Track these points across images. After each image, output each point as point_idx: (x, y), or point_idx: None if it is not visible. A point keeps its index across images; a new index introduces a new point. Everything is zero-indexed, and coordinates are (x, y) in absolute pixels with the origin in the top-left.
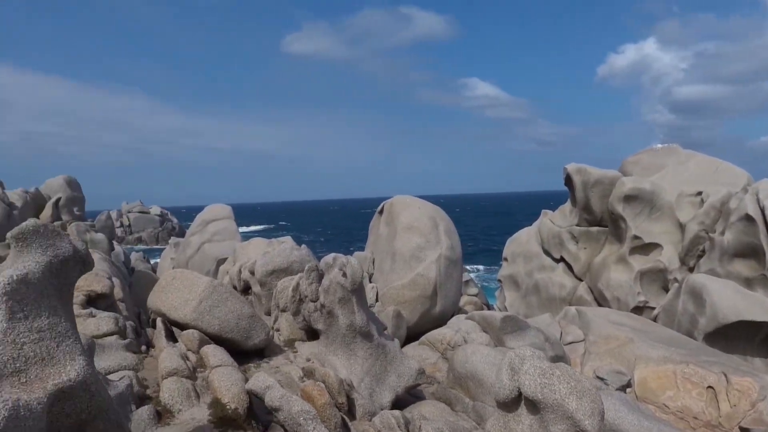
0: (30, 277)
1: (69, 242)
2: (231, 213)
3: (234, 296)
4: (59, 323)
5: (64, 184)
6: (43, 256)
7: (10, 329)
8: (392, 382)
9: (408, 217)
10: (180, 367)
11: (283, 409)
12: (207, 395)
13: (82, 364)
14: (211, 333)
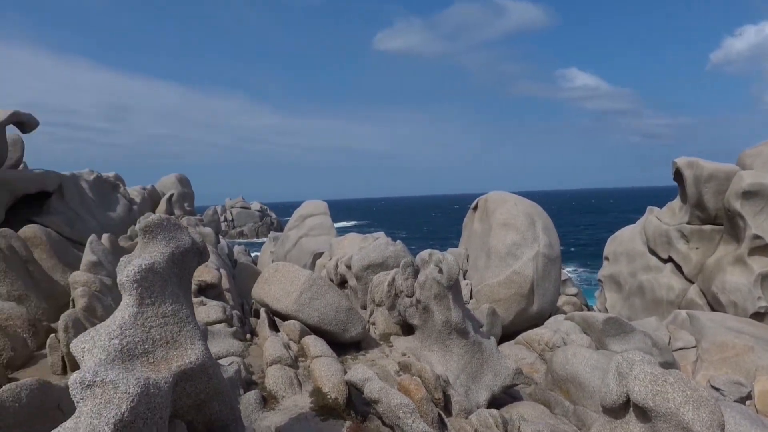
0: (156, 267)
1: (188, 235)
2: (327, 209)
3: (332, 289)
4: (181, 309)
5: (176, 181)
6: (166, 247)
7: (140, 314)
8: (488, 381)
9: (504, 213)
10: (283, 356)
11: (382, 401)
12: (308, 384)
13: (201, 348)
14: (310, 324)
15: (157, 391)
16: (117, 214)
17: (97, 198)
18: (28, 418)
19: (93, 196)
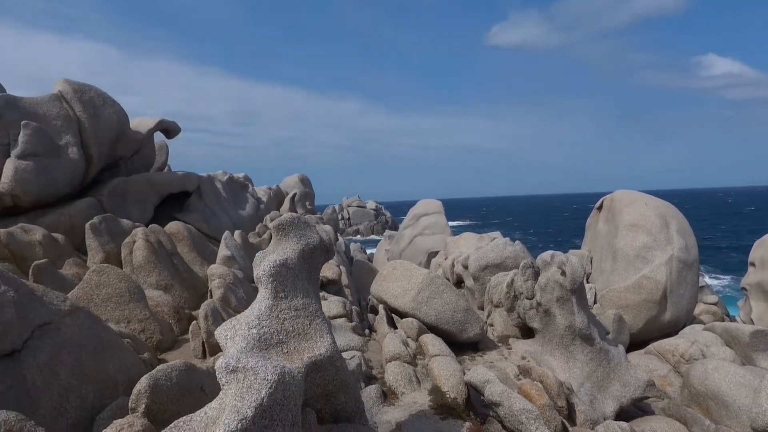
0: (288, 262)
1: (317, 233)
2: (441, 208)
3: (450, 289)
4: (311, 303)
5: (299, 181)
6: (297, 244)
7: (275, 306)
8: (616, 392)
9: (632, 213)
10: (402, 353)
11: (504, 404)
12: (427, 382)
13: (330, 341)
14: (427, 322)
15: (291, 380)
16: (246, 212)
17: (229, 197)
18: (178, 396)
19: (226, 195)
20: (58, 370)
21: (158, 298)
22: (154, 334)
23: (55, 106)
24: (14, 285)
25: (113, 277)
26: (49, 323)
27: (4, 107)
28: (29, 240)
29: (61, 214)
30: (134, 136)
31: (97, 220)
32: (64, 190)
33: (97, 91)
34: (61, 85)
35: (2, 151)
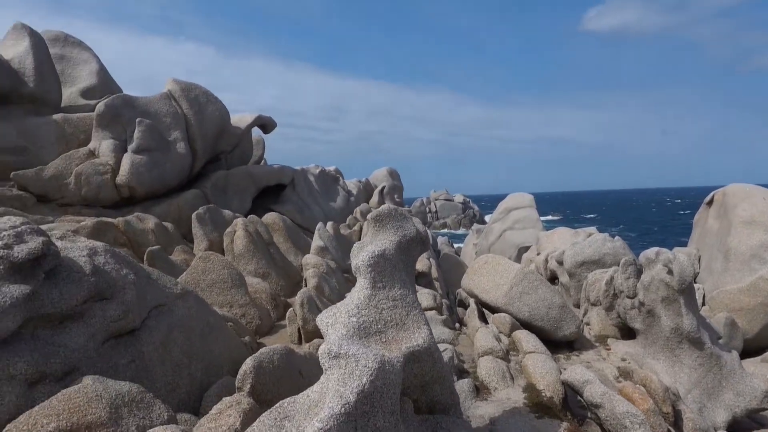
0: (386, 253)
1: (413, 225)
2: (532, 201)
3: (544, 285)
4: (408, 295)
5: (387, 174)
6: (395, 235)
7: (373, 296)
8: (729, 401)
9: (748, 209)
10: (495, 348)
11: (605, 407)
12: (520, 378)
13: (427, 332)
14: (520, 318)
15: (391, 368)
16: (337, 204)
17: (321, 189)
18: (278, 378)
19: (318, 187)
20: (171, 348)
21: (257, 285)
22: (253, 319)
23: (165, 104)
24: (134, 269)
25: (217, 264)
26: (163, 305)
27: (121, 106)
28: (143, 228)
29: (170, 205)
30: (234, 131)
31: (202, 211)
32: (173, 183)
33: (201, 89)
34: (171, 85)
35: (121, 147)
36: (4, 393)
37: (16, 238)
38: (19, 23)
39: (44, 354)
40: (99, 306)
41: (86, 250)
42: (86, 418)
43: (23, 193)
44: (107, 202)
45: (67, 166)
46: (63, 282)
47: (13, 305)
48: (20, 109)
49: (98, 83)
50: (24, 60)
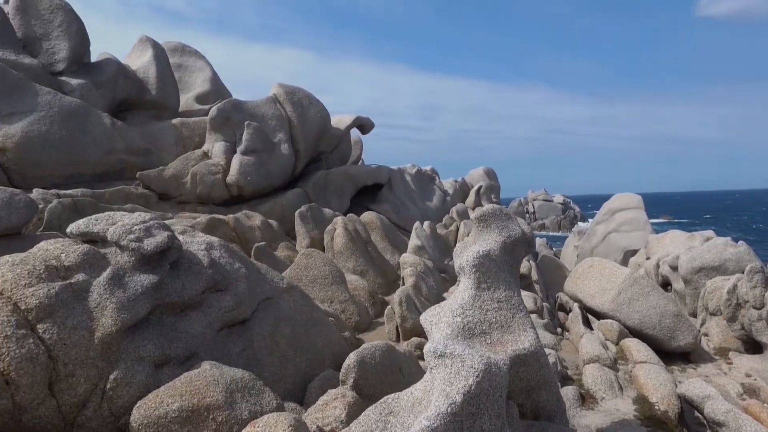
0: (491, 254)
1: (518, 225)
2: (640, 202)
3: (657, 291)
4: (513, 297)
5: (484, 174)
6: (499, 236)
7: (478, 296)
8: None
9: None
10: (602, 356)
11: (729, 425)
12: (630, 389)
13: (533, 335)
14: (629, 326)
15: (497, 371)
16: (434, 204)
17: (417, 189)
18: (380, 373)
19: (414, 187)
20: (278, 339)
21: (355, 282)
22: (352, 315)
23: (271, 107)
24: (245, 263)
25: (319, 261)
26: (270, 298)
27: (231, 110)
28: (250, 225)
29: (275, 203)
30: (334, 132)
31: (304, 209)
32: (277, 182)
33: (304, 92)
34: (276, 89)
35: (231, 148)
36: (136, 372)
37: (145, 232)
38: (144, 36)
39: (169, 339)
40: (215, 297)
41: (204, 244)
42: (205, 401)
43: (147, 191)
44: (218, 200)
45: (184, 167)
46: (185, 273)
47: (144, 293)
48: (144, 114)
49: (211, 89)
50: (147, 70)
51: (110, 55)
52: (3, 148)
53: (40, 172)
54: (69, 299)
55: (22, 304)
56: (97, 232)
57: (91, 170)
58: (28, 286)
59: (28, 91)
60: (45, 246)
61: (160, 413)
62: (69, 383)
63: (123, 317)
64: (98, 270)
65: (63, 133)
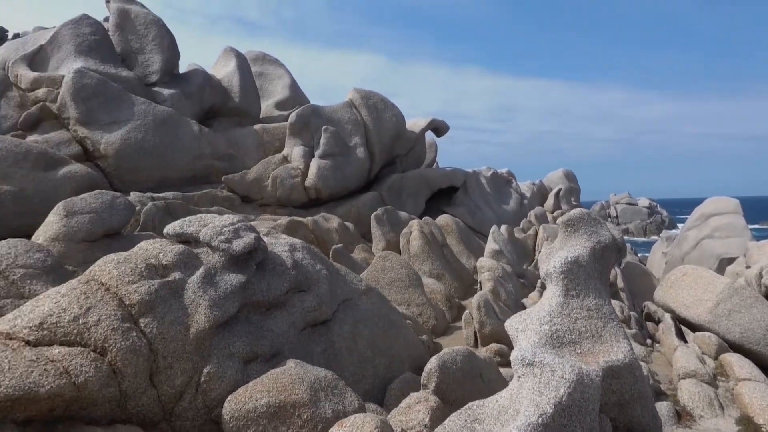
0: (580, 260)
1: (608, 230)
2: (738, 207)
3: (761, 303)
4: (603, 305)
5: (563, 176)
6: (588, 241)
7: (566, 304)
8: None
9: None
10: (699, 371)
11: None
12: (732, 408)
13: (627, 347)
14: (729, 340)
15: (589, 382)
16: (510, 207)
17: (493, 192)
18: (461, 379)
19: (490, 190)
20: (357, 340)
21: (432, 285)
22: (429, 319)
23: (347, 112)
24: (326, 264)
25: (396, 264)
26: (349, 299)
27: (310, 115)
28: (328, 227)
29: (351, 206)
30: (409, 136)
31: (380, 212)
32: (354, 185)
33: (379, 96)
34: (352, 94)
35: (309, 153)
36: (227, 368)
37: (234, 233)
38: (228, 47)
39: (256, 337)
40: (298, 297)
41: (287, 246)
42: (291, 398)
43: (231, 194)
44: (297, 203)
45: (265, 171)
46: (270, 274)
47: (233, 292)
48: (228, 121)
49: (290, 96)
50: (231, 79)
51: (198, 66)
52: (104, 155)
53: (137, 177)
54: (167, 296)
55: (126, 299)
56: (191, 233)
57: (181, 174)
58: (132, 282)
59: (126, 102)
60: (145, 246)
61: (249, 408)
62: (167, 375)
63: (215, 314)
64: (192, 269)
65: (156, 141)
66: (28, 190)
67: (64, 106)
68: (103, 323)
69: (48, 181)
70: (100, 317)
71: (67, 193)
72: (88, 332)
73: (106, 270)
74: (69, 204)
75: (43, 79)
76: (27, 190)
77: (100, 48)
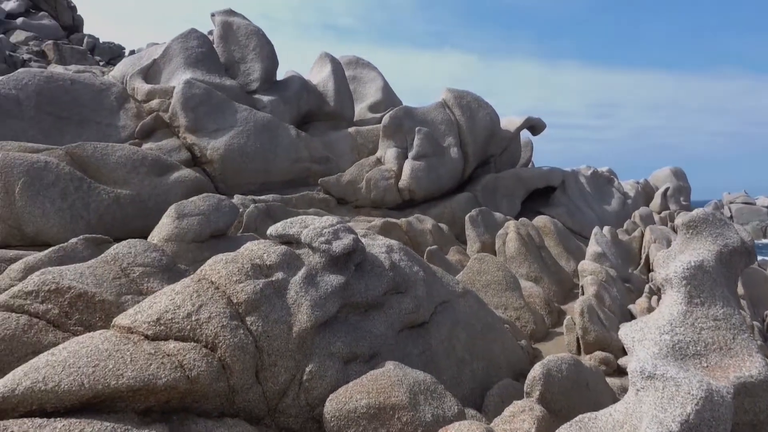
0: (705, 265)
1: (736, 233)
2: None
3: None
4: (733, 315)
5: (671, 174)
6: (713, 245)
7: (689, 312)
8: None
9: None
10: None
11: None
12: None
13: (761, 362)
14: None
15: (720, 400)
16: (612, 208)
17: (593, 192)
18: (567, 388)
19: (590, 190)
20: (455, 344)
21: (530, 288)
22: (528, 323)
23: (440, 112)
24: (423, 266)
25: (492, 266)
26: (446, 302)
27: (403, 117)
28: (422, 228)
29: (444, 207)
30: (504, 135)
31: (475, 213)
32: (447, 186)
33: (473, 95)
34: (445, 94)
35: (402, 154)
36: (327, 367)
37: (333, 235)
38: (324, 52)
39: (355, 337)
40: (395, 299)
41: (384, 247)
42: (390, 400)
43: (327, 196)
44: (391, 204)
45: (359, 173)
46: (368, 275)
47: (333, 293)
48: (324, 124)
49: (383, 98)
50: (326, 83)
51: (295, 73)
52: (210, 160)
53: (239, 180)
54: (271, 295)
55: (234, 297)
56: (292, 234)
57: (280, 178)
58: (239, 282)
59: (229, 110)
60: (250, 246)
61: (350, 408)
62: (272, 372)
63: (316, 314)
64: (294, 269)
65: (257, 145)
66: (143, 193)
67: (174, 115)
68: (214, 320)
69: (161, 185)
70: (211, 314)
71: (177, 196)
72: (200, 328)
73: (215, 269)
74: (180, 207)
75: (157, 91)
76: (143, 194)
77: (207, 59)
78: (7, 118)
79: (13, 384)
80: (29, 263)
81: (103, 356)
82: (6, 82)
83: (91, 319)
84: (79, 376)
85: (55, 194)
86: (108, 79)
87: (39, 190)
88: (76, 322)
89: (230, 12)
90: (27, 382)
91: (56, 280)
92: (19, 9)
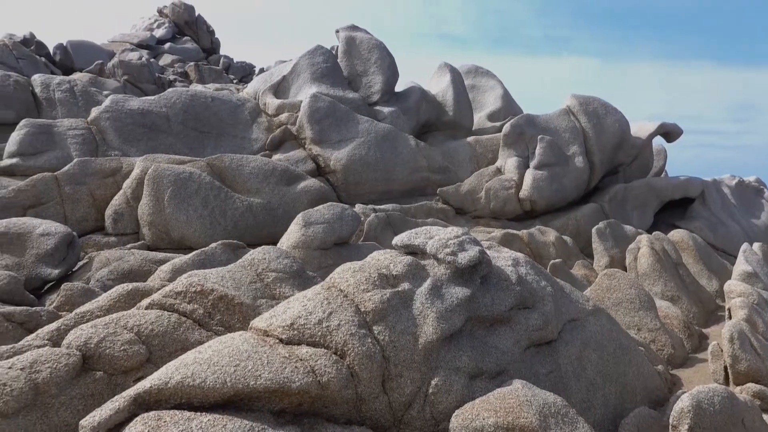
0: None
1: None
2: None
3: None
4: None
5: None
6: None
7: None
8: None
9: None
10: None
11: None
12: None
13: None
14: None
15: None
16: (762, 221)
17: (739, 203)
18: (720, 424)
19: (735, 201)
20: (585, 365)
21: (666, 309)
22: (665, 347)
23: (564, 119)
24: (550, 281)
25: (623, 283)
26: (576, 319)
27: (525, 125)
28: (544, 240)
29: (568, 218)
30: (634, 142)
31: (603, 225)
32: (571, 196)
33: (600, 101)
34: (570, 100)
35: (524, 163)
36: (453, 382)
37: (459, 246)
38: (443, 62)
39: (480, 352)
40: (522, 314)
41: (510, 260)
42: (519, 421)
43: (446, 206)
44: (511, 215)
45: (478, 183)
46: (494, 288)
47: (459, 305)
48: (442, 134)
49: (502, 106)
50: (445, 93)
51: (415, 83)
52: (334, 170)
53: (360, 190)
54: (397, 305)
55: (362, 306)
56: (417, 245)
57: (400, 187)
58: (366, 291)
59: (352, 121)
60: (377, 256)
61: (477, 425)
62: (398, 383)
63: (442, 327)
64: (420, 280)
65: (378, 156)
66: (273, 202)
67: (301, 128)
68: (343, 328)
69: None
70: (340, 322)
71: (304, 205)
72: (330, 335)
73: (344, 277)
74: (307, 215)
75: (286, 105)
76: (273, 202)
77: (331, 74)
78: (159, 133)
79: (167, 377)
80: (176, 265)
81: (243, 357)
82: (158, 102)
83: (231, 320)
84: (222, 374)
85: (198, 202)
86: (243, 95)
87: (184, 198)
88: (217, 322)
89: (353, 27)
90: (178, 376)
91: (201, 282)
92: (166, 35)
